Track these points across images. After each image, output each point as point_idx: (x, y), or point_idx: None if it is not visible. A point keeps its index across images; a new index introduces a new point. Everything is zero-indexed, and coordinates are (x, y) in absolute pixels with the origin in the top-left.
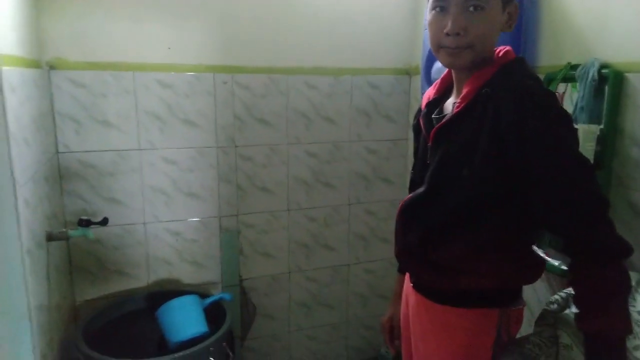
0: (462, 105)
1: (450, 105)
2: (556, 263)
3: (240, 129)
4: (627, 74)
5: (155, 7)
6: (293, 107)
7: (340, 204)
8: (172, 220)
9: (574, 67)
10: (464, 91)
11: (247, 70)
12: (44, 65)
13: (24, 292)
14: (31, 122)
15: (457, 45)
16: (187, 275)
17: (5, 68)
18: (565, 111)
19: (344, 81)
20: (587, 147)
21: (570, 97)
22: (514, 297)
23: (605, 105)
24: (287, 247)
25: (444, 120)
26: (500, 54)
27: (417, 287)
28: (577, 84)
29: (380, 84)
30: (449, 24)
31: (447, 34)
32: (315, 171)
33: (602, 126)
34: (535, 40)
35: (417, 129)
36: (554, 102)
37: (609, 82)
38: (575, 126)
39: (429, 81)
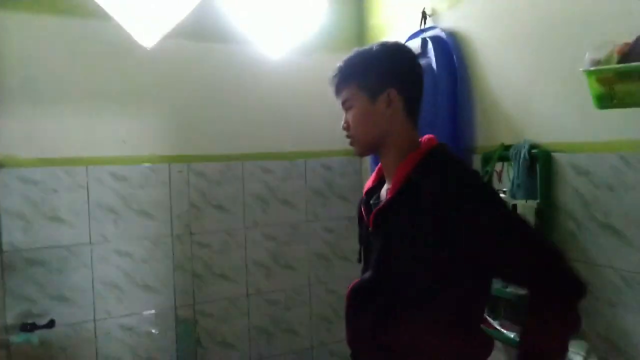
0: (394, 192)
1: (384, 192)
2: (512, 335)
3: (196, 217)
4: (553, 154)
5: (108, 102)
6: (249, 192)
7: (301, 285)
8: (125, 315)
9: (507, 147)
10: (393, 179)
11: (202, 158)
12: None
13: None
14: None
15: (346, 136)
16: None
17: None
18: (490, 186)
19: (299, 164)
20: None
21: (508, 175)
22: None
23: (538, 182)
24: (248, 334)
25: (379, 205)
26: (424, 141)
27: None
28: (512, 162)
29: (333, 165)
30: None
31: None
32: (274, 254)
33: (538, 200)
34: (471, 123)
35: (359, 216)
36: (480, 181)
37: (539, 161)
38: (515, 202)
39: (376, 162)
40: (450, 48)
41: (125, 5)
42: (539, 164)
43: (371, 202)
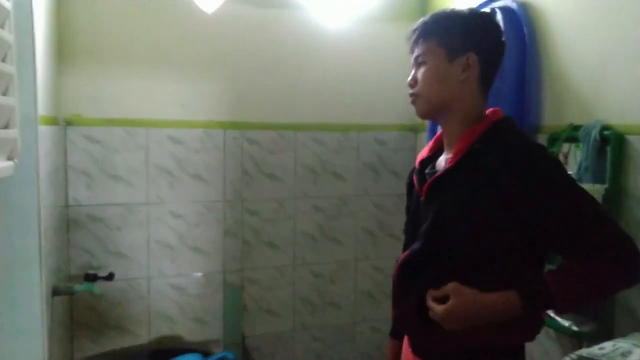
0: (455, 160)
1: (442, 161)
2: (566, 324)
3: (247, 184)
4: (628, 136)
5: (169, 67)
6: (301, 162)
7: (347, 260)
8: (177, 275)
9: (576, 128)
10: (457, 147)
11: (257, 126)
12: (60, 122)
13: (41, 347)
14: (46, 177)
15: (410, 94)
16: (188, 332)
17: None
18: (557, 158)
19: (351, 137)
20: None
21: (574, 157)
22: (517, 357)
23: (608, 166)
24: (292, 304)
25: (437, 174)
26: (489, 114)
27: (417, 351)
28: (580, 144)
29: (387, 140)
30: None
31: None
32: (321, 226)
33: (606, 185)
34: (538, 101)
35: (410, 186)
36: (546, 152)
37: (611, 143)
38: (581, 185)
39: (432, 134)
40: (521, 20)
41: None
42: (610, 147)
43: (426, 171)
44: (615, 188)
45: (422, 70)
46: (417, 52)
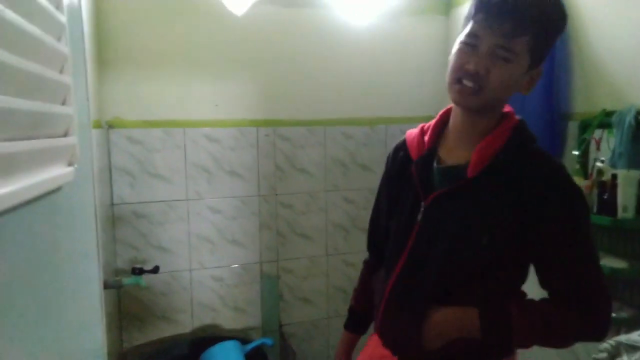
0: (479, 169)
1: (451, 158)
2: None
3: (280, 179)
4: None
5: (203, 68)
6: (331, 156)
7: None
8: (216, 267)
9: (609, 113)
10: (478, 153)
11: (288, 123)
12: (103, 125)
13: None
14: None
15: (472, 85)
16: (229, 320)
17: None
18: (580, 187)
19: (379, 130)
20: (628, 192)
21: (607, 143)
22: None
23: None
24: (326, 292)
25: (458, 183)
26: (506, 116)
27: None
28: (614, 130)
29: None
30: (473, 62)
31: (468, 72)
32: (352, 217)
33: None
34: (568, 87)
35: (399, 175)
36: (571, 178)
37: None
38: (615, 171)
39: None
40: None
41: None
42: None
43: (436, 166)
44: None
45: (501, 66)
46: (506, 42)
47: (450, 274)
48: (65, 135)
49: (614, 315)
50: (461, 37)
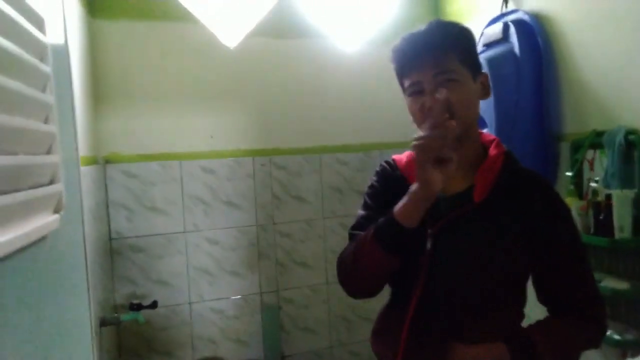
0: (483, 196)
1: (450, 187)
2: (607, 332)
3: (278, 207)
4: None
5: (197, 101)
6: (327, 183)
7: None
8: (216, 299)
9: (599, 133)
10: (480, 179)
11: (283, 152)
12: (99, 161)
13: None
14: (89, 213)
15: (440, 117)
16: (230, 353)
17: (82, 167)
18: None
19: (373, 156)
20: (623, 212)
21: (600, 163)
22: None
23: (636, 170)
24: (328, 321)
25: (464, 209)
26: (490, 138)
27: None
28: (605, 150)
29: None
30: (429, 100)
31: (430, 110)
32: None
33: (636, 190)
34: (558, 110)
35: (395, 196)
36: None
37: (637, 147)
38: (609, 192)
39: None
40: (535, 31)
41: (209, 8)
42: (637, 151)
43: (440, 194)
44: None
45: (455, 89)
46: (440, 67)
47: (473, 304)
48: (51, 182)
49: (619, 337)
50: (407, 93)
